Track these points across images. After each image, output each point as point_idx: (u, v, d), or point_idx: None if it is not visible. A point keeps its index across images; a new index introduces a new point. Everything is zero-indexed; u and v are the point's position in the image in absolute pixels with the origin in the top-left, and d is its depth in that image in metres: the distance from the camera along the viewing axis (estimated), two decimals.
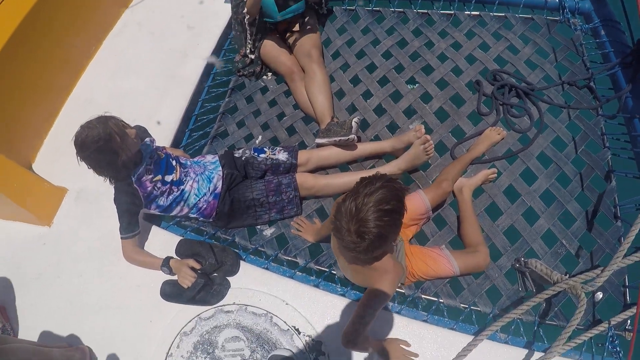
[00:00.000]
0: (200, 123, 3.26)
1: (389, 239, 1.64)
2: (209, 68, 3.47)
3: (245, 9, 2.97)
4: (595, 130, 2.75)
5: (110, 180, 2.37)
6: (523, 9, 3.37)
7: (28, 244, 2.79)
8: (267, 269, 2.50)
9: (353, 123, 2.70)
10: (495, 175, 2.66)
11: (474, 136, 2.82)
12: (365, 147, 2.81)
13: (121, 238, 2.44)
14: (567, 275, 2.25)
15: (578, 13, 3.28)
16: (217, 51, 3.56)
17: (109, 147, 2.17)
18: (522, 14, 3.35)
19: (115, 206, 2.41)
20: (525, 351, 2.13)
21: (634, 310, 1.98)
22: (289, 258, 2.57)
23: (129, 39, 3.76)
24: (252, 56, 3.29)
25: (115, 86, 3.44)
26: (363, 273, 1.93)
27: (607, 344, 2.11)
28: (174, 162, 2.55)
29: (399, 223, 1.65)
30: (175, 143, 3.08)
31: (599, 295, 2.25)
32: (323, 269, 2.49)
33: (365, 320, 1.86)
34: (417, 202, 2.40)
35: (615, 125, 2.79)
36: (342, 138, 2.69)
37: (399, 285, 2.33)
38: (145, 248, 2.60)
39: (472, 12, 3.42)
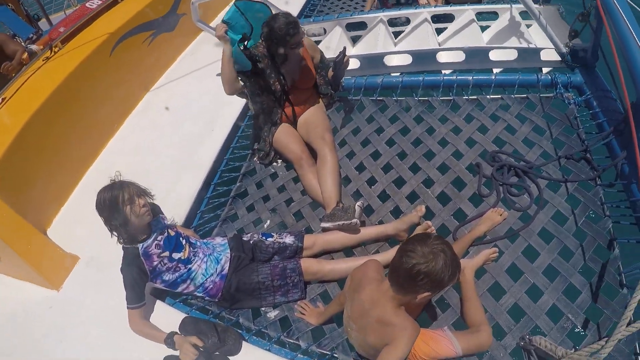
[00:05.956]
0: (211, 205, 3.42)
1: (434, 282, 1.80)
2: (222, 153, 3.70)
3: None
4: (594, 201, 2.78)
5: (118, 239, 2.51)
6: (518, 89, 3.52)
7: (35, 306, 2.89)
8: (269, 350, 2.50)
9: (356, 207, 2.81)
10: (497, 254, 2.68)
11: (475, 218, 2.87)
12: (369, 231, 2.89)
13: (127, 308, 2.54)
14: (574, 349, 2.21)
15: (571, 87, 3.42)
16: (231, 136, 3.84)
17: (116, 203, 2.37)
18: (517, 94, 3.49)
19: (122, 276, 2.53)
20: None
21: None
22: (292, 341, 2.57)
23: (151, 119, 4.09)
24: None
25: (135, 162, 3.66)
26: (380, 331, 1.98)
27: None
28: (183, 241, 2.67)
29: (440, 284, 1.82)
30: (187, 223, 3.22)
31: None
32: (325, 352, 2.49)
33: None
34: None
35: (614, 193, 2.82)
36: (346, 222, 2.79)
37: None
38: (150, 321, 2.65)
39: (470, 97, 3.59)
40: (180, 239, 2.68)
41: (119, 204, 2.38)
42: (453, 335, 2.29)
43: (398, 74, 4.01)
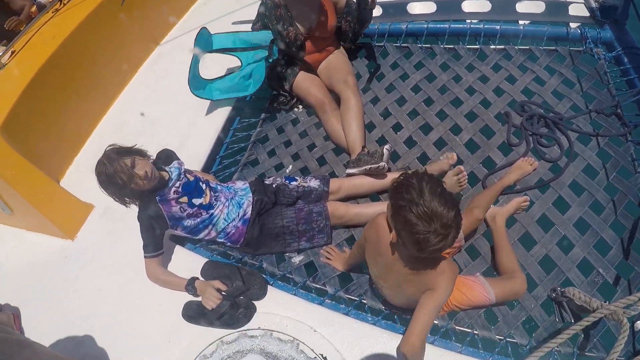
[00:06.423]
0: (231, 151, 3.31)
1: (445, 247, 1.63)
2: (240, 100, 3.53)
3: None
4: (625, 157, 2.75)
5: (132, 203, 2.41)
6: (547, 41, 3.43)
7: (50, 256, 2.83)
8: (295, 295, 2.43)
9: (384, 151, 2.71)
10: (528, 203, 2.64)
11: (505, 167, 2.82)
12: (396, 176, 2.80)
13: (144, 257, 2.44)
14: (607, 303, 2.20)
15: (600, 43, 3.34)
16: None
17: (116, 184, 2.25)
18: (546, 46, 3.41)
19: (138, 224, 2.43)
20: None
21: None
22: (318, 286, 2.52)
23: (164, 69, 3.96)
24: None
25: (147, 112, 3.57)
26: (417, 281, 1.88)
27: None
28: (203, 186, 2.56)
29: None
30: (206, 169, 3.12)
31: (639, 324, 2.19)
32: (353, 297, 2.43)
33: (428, 323, 1.81)
34: None
35: None
36: (373, 166, 2.70)
37: None
38: (169, 269, 2.57)
39: (497, 46, 3.49)
40: (200, 183, 2.57)
41: (119, 183, 2.26)
42: (486, 281, 2.25)
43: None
